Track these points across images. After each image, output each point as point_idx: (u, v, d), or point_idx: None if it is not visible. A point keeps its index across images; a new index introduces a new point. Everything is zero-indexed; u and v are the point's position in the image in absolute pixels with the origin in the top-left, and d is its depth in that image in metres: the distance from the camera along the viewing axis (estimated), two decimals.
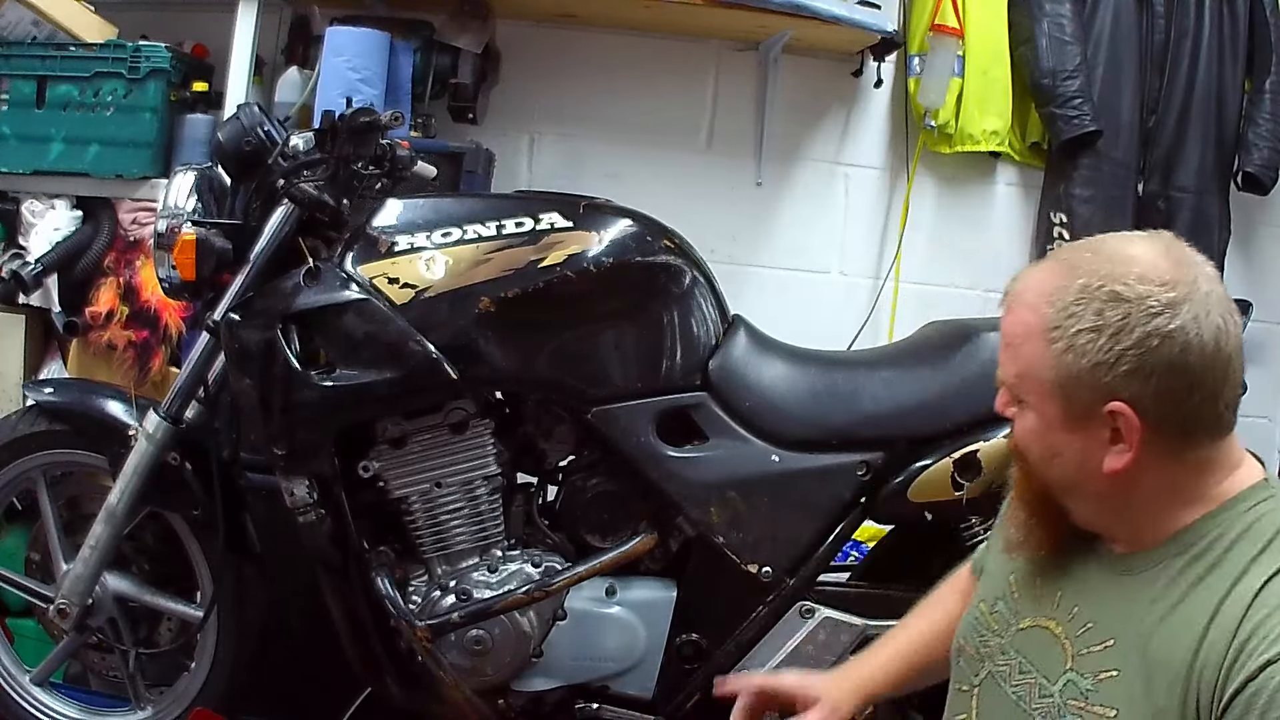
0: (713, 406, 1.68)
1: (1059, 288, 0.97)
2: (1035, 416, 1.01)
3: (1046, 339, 0.97)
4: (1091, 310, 0.94)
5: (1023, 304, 1.00)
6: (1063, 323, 0.96)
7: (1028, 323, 0.99)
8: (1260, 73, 2.51)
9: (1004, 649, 1.10)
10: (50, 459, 1.87)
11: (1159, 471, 0.97)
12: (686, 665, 1.73)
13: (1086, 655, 1.00)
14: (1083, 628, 1.02)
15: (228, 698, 1.89)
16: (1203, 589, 0.94)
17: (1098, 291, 0.94)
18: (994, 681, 1.10)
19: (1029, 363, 0.99)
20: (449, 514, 1.68)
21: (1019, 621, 1.10)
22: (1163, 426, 0.95)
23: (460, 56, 2.35)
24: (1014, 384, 1.03)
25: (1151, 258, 0.95)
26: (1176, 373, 0.93)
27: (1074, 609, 1.04)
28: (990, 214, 2.65)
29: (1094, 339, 0.94)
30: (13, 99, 2.22)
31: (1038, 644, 1.06)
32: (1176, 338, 0.92)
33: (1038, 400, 1.00)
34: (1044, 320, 0.97)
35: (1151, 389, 0.93)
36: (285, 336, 1.59)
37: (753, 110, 2.59)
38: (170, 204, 1.70)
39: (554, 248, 1.61)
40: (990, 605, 1.15)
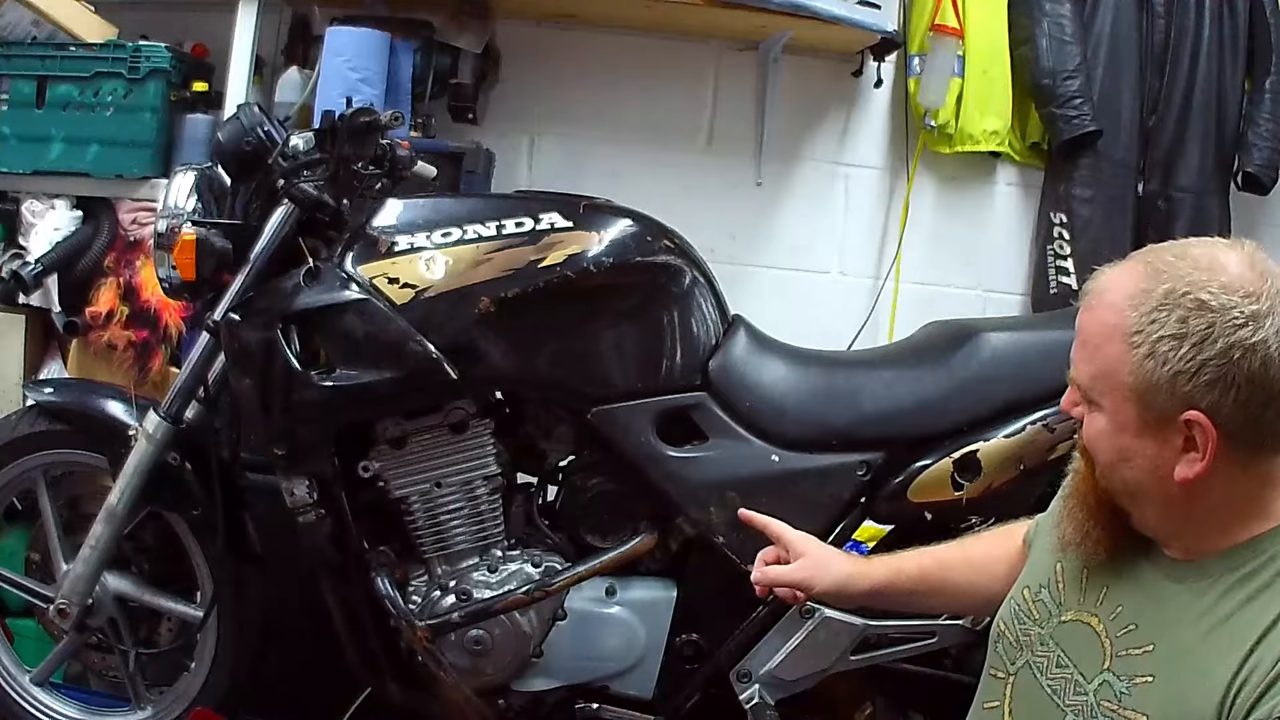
0: (712, 406, 1.68)
1: (1142, 291, 0.96)
2: (1108, 418, 1.00)
3: (1128, 342, 0.96)
4: (1175, 318, 0.94)
5: (1105, 304, 0.99)
6: (1146, 327, 0.95)
7: (1109, 323, 0.98)
8: (1260, 73, 2.51)
9: (1044, 640, 1.10)
10: (50, 459, 1.88)
11: (1227, 482, 0.96)
12: (686, 665, 1.73)
13: (1125, 657, 1.00)
14: (1124, 629, 1.02)
15: (228, 698, 1.90)
16: (1253, 608, 0.93)
17: (1183, 299, 0.94)
18: (1030, 671, 1.10)
19: (1108, 364, 0.98)
20: (449, 514, 1.68)
21: (1062, 614, 1.10)
22: (1236, 438, 0.94)
23: (460, 56, 2.35)
24: (1089, 384, 1.01)
25: (1237, 268, 0.95)
26: (1256, 386, 0.92)
27: (1118, 608, 1.04)
28: (990, 214, 2.64)
29: (1176, 347, 0.93)
30: (13, 99, 2.22)
31: (1078, 639, 1.06)
32: (1259, 351, 0.92)
33: (1113, 402, 0.99)
34: (1126, 323, 0.96)
35: (1230, 400, 0.93)
36: (285, 336, 1.59)
37: (753, 110, 2.59)
38: (170, 204, 1.70)
39: (554, 248, 1.61)
40: (1034, 593, 1.15)
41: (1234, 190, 2.55)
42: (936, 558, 1.36)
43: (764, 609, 1.68)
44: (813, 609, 1.67)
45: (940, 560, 1.36)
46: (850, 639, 1.67)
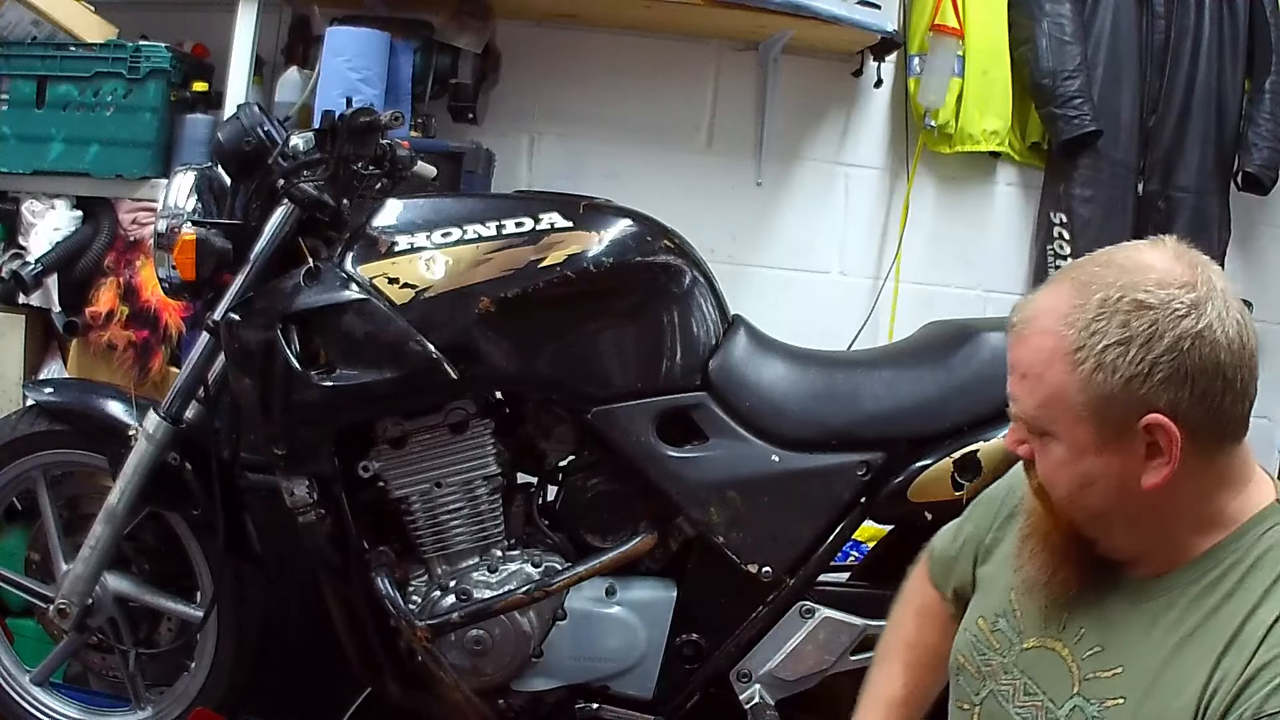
0: (713, 406, 1.68)
1: (1075, 307, 0.93)
2: (1063, 447, 0.96)
3: (1071, 361, 0.92)
4: (1116, 323, 0.91)
5: (1037, 331, 0.96)
6: (1087, 341, 0.91)
7: (1047, 348, 0.94)
8: (1260, 73, 2.51)
9: (1007, 668, 1.08)
10: (50, 459, 1.87)
11: (1192, 482, 0.94)
12: (686, 665, 1.73)
13: (1094, 680, 0.98)
14: (1090, 652, 1.00)
15: (228, 698, 1.89)
16: (1217, 619, 0.92)
17: (1119, 303, 0.91)
18: (995, 701, 1.08)
19: (1054, 390, 0.94)
20: (449, 514, 1.68)
21: (1023, 641, 1.07)
22: (1199, 432, 0.92)
23: (460, 56, 2.35)
24: (1035, 415, 0.97)
25: (1165, 262, 0.93)
26: (1210, 373, 0.90)
27: (1081, 630, 1.02)
28: (990, 214, 2.65)
29: (1124, 352, 0.90)
30: (13, 99, 2.22)
31: (1044, 665, 1.04)
32: (1206, 337, 0.90)
33: (1066, 427, 0.95)
34: (1065, 343, 0.93)
35: (1188, 394, 0.90)
36: (285, 336, 1.59)
37: (753, 110, 2.59)
38: (170, 204, 1.70)
39: (554, 248, 1.61)
40: (990, 623, 1.12)
41: (1234, 190, 2.55)
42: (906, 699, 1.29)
43: (764, 609, 1.68)
44: (813, 609, 1.68)
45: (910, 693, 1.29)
46: (850, 639, 1.67)
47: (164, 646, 1.92)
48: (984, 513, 1.24)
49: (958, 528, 1.29)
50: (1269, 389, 2.65)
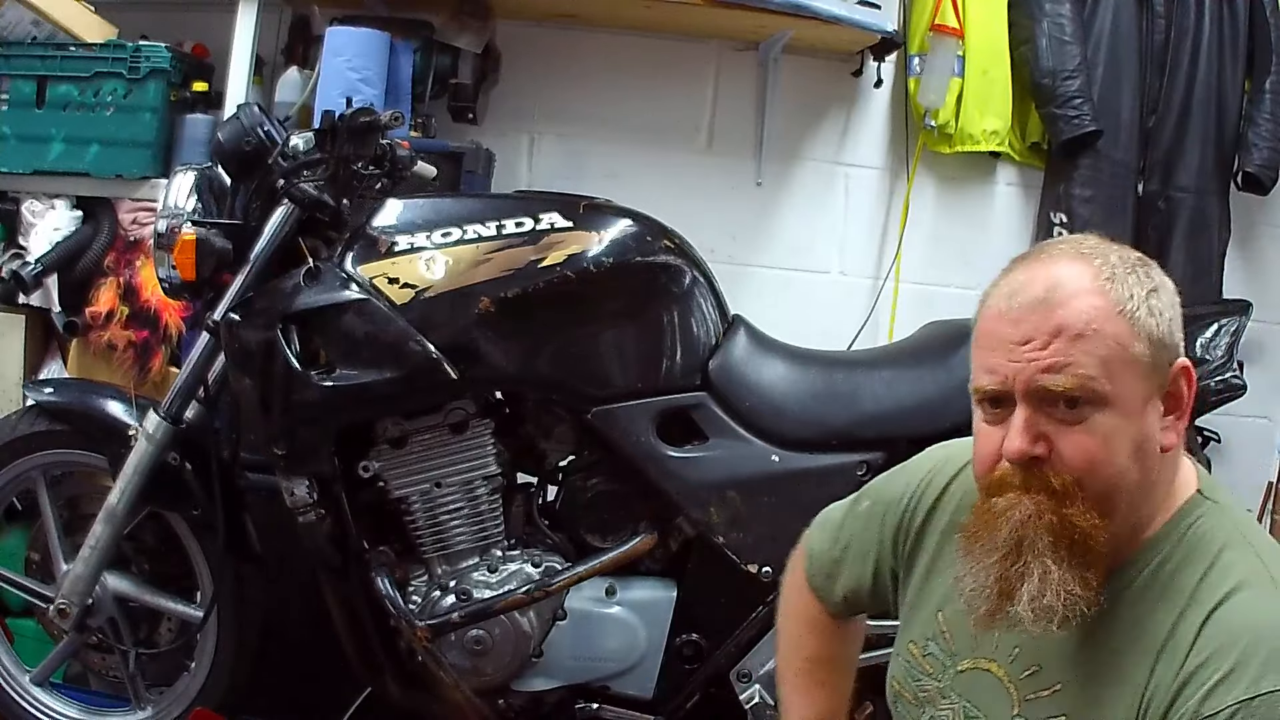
0: (713, 406, 1.68)
1: (1097, 268, 0.93)
2: (1118, 410, 0.91)
3: (1125, 312, 0.92)
4: (1140, 275, 0.94)
5: (1080, 291, 0.92)
6: (1133, 291, 0.92)
7: (1096, 306, 0.91)
8: (1260, 73, 2.51)
9: (944, 693, 1.06)
10: (50, 459, 1.88)
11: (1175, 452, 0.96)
12: (686, 665, 1.73)
13: (1034, 700, 0.97)
14: (1026, 671, 0.98)
15: (228, 698, 1.90)
16: (1149, 626, 0.91)
17: (1126, 261, 0.95)
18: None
19: (1113, 345, 0.91)
20: (449, 514, 1.68)
21: (956, 664, 1.05)
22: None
23: (460, 56, 2.35)
24: (1097, 375, 0.90)
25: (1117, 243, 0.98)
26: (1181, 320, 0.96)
27: (1015, 650, 0.99)
28: (990, 214, 2.64)
29: (1159, 297, 0.94)
30: (13, 99, 2.22)
31: (981, 687, 1.02)
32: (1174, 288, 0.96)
33: (1124, 384, 0.91)
34: (1113, 296, 0.92)
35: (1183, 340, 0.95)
36: (285, 336, 1.59)
37: (753, 110, 2.59)
38: (170, 204, 1.70)
39: (554, 248, 1.61)
40: (921, 648, 1.10)
41: (1234, 190, 2.55)
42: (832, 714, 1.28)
43: (764, 609, 1.68)
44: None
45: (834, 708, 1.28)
46: None
47: (164, 646, 1.92)
48: (876, 518, 1.18)
49: (836, 531, 1.24)
50: (1269, 389, 2.67)
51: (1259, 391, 2.17)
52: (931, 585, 1.10)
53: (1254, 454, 2.65)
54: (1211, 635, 0.87)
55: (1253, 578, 0.89)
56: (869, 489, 1.25)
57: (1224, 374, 1.68)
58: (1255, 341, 2.58)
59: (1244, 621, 0.87)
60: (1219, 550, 0.92)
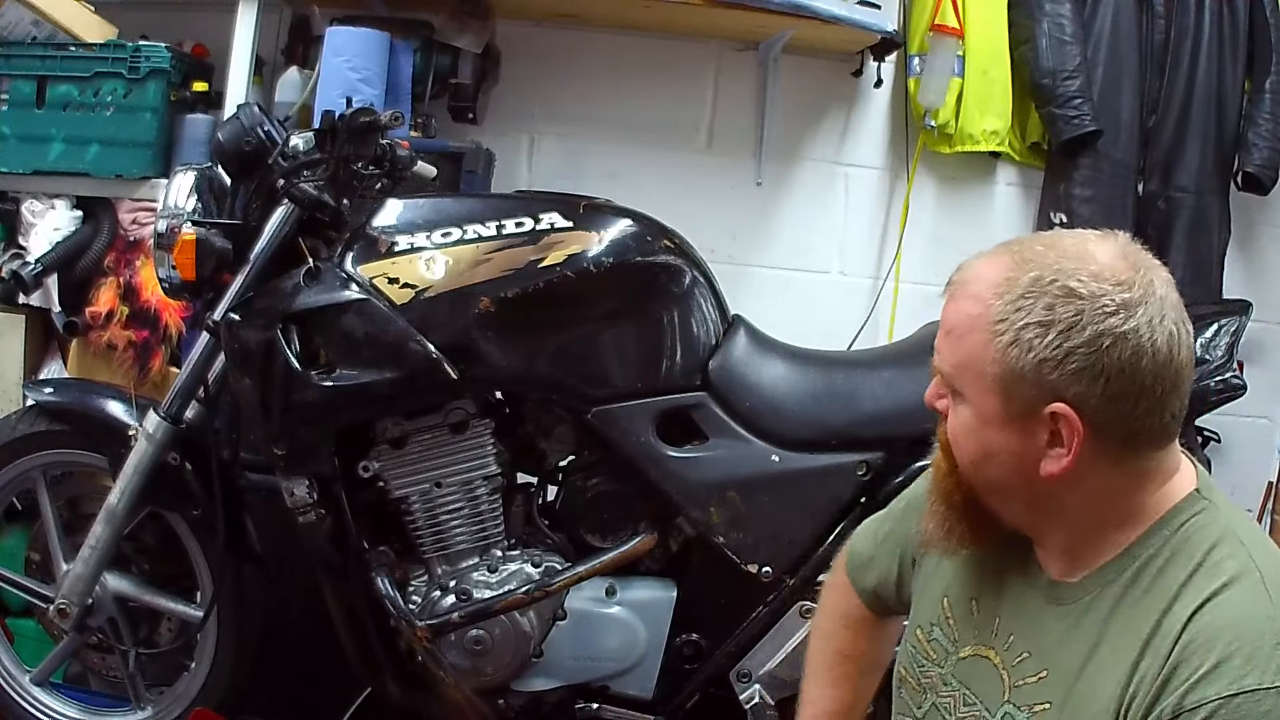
0: (713, 406, 1.68)
1: (1008, 280, 0.92)
2: (971, 411, 0.96)
3: (991, 331, 0.92)
4: (1042, 304, 0.89)
5: (968, 294, 0.95)
6: (1010, 315, 0.91)
7: (972, 313, 0.94)
8: (1260, 73, 2.51)
9: (945, 679, 1.07)
10: (50, 459, 1.88)
11: (1096, 480, 0.93)
12: (686, 665, 1.73)
13: (1022, 687, 0.98)
14: (1018, 657, 0.99)
15: (228, 698, 1.90)
16: (1135, 619, 0.91)
17: (1050, 285, 0.90)
18: (938, 713, 1.07)
19: (970, 354, 0.94)
20: (449, 514, 1.68)
21: (958, 650, 1.06)
22: (1104, 432, 0.90)
23: (460, 56, 2.35)
24: (951, 374, 0.98)
25: (1108, 257, 0.91)
26: (1126, 377, 0.88)
27: (1010, 637, 1.01)
28: (990, 214, 2.64)
29: (1042, 334, 0.89)
30: (13, 99, 2.22)
31: (979, 673, 1.03)
32: (1129, 340, 0.88)
33: (976, 394, 0.95)
34: (990, 312, 0.92)
35: (1098, 392, 0.89)
36: (285, 336, 1.59)
37: (753, 110, 2.59)
38: (170, 204, 1.70)
39: (554, 247, 1.61)
40: (926, 633, 1.11)
41: (1234, 190, 2.55)
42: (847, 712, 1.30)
43: (764, 609, 1.68)
44: (813, 609, 1.67)
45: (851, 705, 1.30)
46: None
47: (164, 646, 1.92)
48: (907, 511, 1.22)
49: (877, 526, 1.28)
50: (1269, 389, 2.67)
51: (1259, 391, 2.17)
52: (940, 570, 1.12)
53: (1254, 454, 2.65)
54: (1197, 630, 0.87)
55: (1242, 575, 0.89)
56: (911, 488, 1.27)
57: (1224, 374, 1.68)
58: (1255, 341, 2.58)
59: (1230, 617, 0.87)
60: (1210, 547, 0.92)
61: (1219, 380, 1.67)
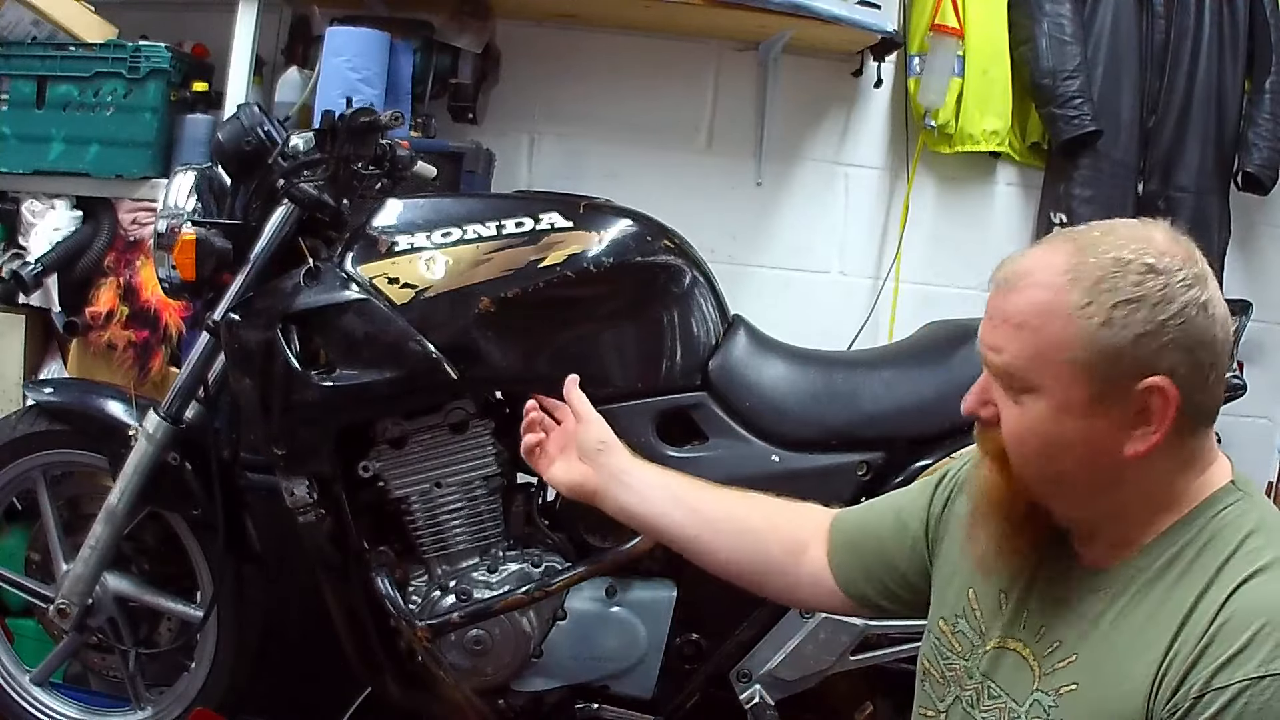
0: (713, 406, 1.68)
1: (1079, 264, 0.93)
2: (1046, 404, 0.94)
3: (1077, 315, 0.92)
4: (1129, 282, 0.91)
5: (1033, 283, 0.94)
6: (1096, 297, 0.91)
7: (1046, 301, 0.93)
8: (1260, 73, 2.51)
9: (970, 672, 1.07)
10: (50, 459, 1.88)
11: (1165, 459, 0.94)
12: (686, 665, 1.73)
13: (1052, 673, 0.98)
14: (1050, 647, 0.99)
15: (228, 698, 1.90)
16: (1170, 602, 0.92)
17: (1130, 265, 0.91)
18: (961, 707, 1.07)
19: (1052, 342, 0.93)
20: (449, 514, 1.68)
21: (985, 643, 1.06)
22: (1188, 404, 0.92)
23: (460, 56, 2.35)
24: (1024, 368, 0.95)
25: (1164, 240, 0.94)
26: (1207, 347, 0.92)
27: (1041, 628, 1.01)
28: (990, 214, 2.64)
29: (1135, 309, 0.90)
30: (13, 99, 2.22)
31: (1006, 667, 1.03)
32: (1209, 310, 0.92)
33: (1057, 383, 0.93)
34: (1069, 296, 0.92)
35: (1188, 362, 0.91)
36: (285, 336, 1.59)
37: (753, 110, 2.59)
38: (170, 204, 1.70)
39: (554, 247, 1.61)
40: (951, 625, 1.11)
41: (1234, 190, 2.55)
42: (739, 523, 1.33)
43: (764, 609, 1.68)
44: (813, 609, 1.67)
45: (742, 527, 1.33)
46: (850, 639, 1.67)
47: (164, 646, 1.92)
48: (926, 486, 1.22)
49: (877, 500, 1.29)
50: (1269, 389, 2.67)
51: (1259, 391, 2.17)
52: (965, 561, 1.11)
53: (1254, 454, 2.65)
54: (1232, 611, 0.88)
55: (1277, 563, 0.90)
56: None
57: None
58: (1255, 341, 2.58)
59: (1263, 602, 0.88)
60: (1245, 536, 0.93)
61: None
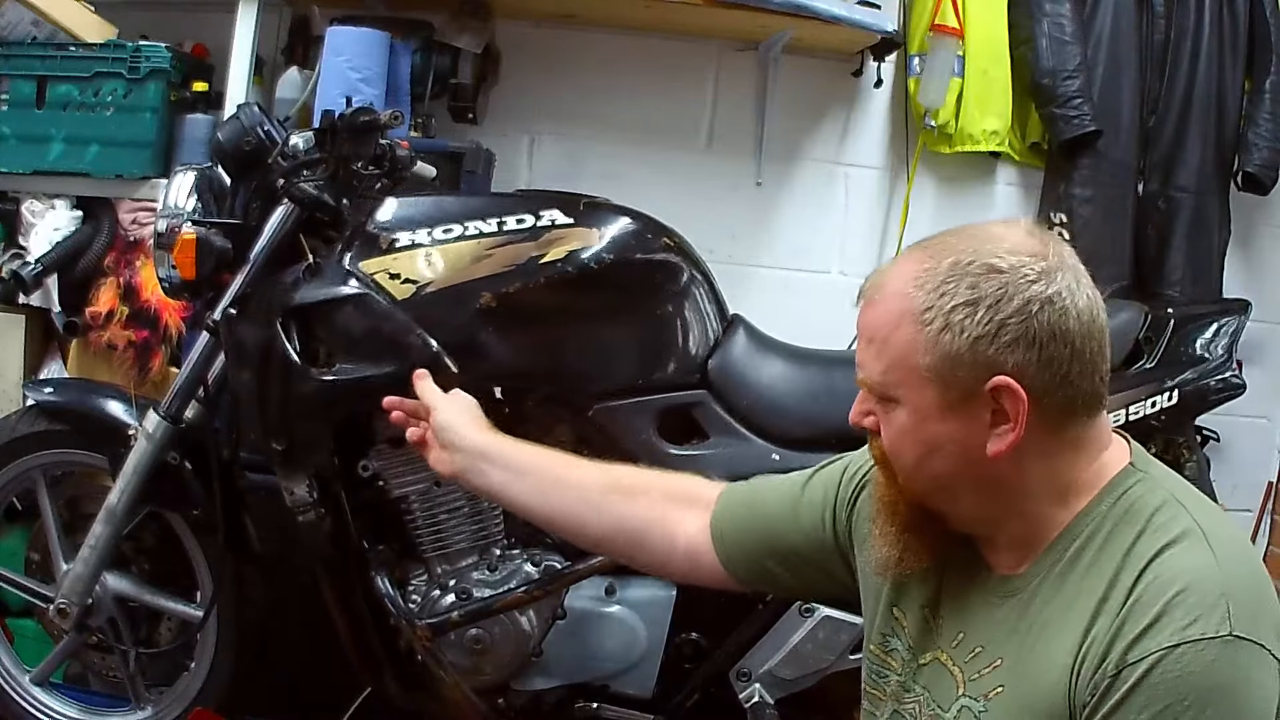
0: (713, 405, 1.68)
1: (925, 270, 0.93)
2: (907, 412, 0.96)
3: (919, 321, 0.93)
4: (965, 285, 0.91)
5: (886, 295, 0.96)
6: (935, 302, 0.92)
7: (895, 310, 0.94)
8: (1260, 73, 2.51)
9: (908, 686, 1.07)
10: (50, 459, 1.88)
11: (1039, 452, 0.94)
12: (686, 665, 1.73)
13: (978, 679, 0.98)
14: (972, 653, 1.00)
15: (228, 698, 1.90)
16: (1083, 592, 0.92)
17: (969, 266, 0.92)
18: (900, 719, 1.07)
19: (900, 352, 0.94)
20: (448, 513, 1.68)
21: (918, 658, 1.06)
22: (1045, 400, 0.92)
23: (460, 56, 2.35)
24: (881, 380, 0.97)
25: (1017, 236, 0.94)
26: (1059, 339, 0.91)
27: (959, 635, 1.01)
28: (990, 214, 2.64)
29: (971, 312, 0.91)
30: (13, 99, 2.22)
31: (936, 677, 1.03)
32: (1056, 303, 0.91)
33: (911, 391, 0.95)
34: (913, 304, 0.93)
35: (1035, 358, 0.91)
36: (285, 331, 1.59)
37: (753, 110, 2.59)
38: (170, 204, 1.70)
39: (555, 244, 1.61)
40: (882, 644, 1.11)
41: (1234, 190, 2.55)
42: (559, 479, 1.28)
43: (763, 608, 1.68)
44: (812, 608, 1.67)
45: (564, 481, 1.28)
46: (850, 639, 1.66)
47: (164, 646, 1.93)
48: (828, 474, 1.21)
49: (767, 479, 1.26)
50: (1269, 389, 2.67)
51: (1259, 391, 2.17)
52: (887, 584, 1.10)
53: (1254, 454, 2.65)
54: (1144, 586, 0.88)
55: (1187, 533, 0.90)
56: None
57: (1224, 373, 1.69)
58: (1255, 341, 2.58)
59: (1175, 571, 0.88)
60: (1152, 513, 0.93)
61: (1218, 379, 1.67)
